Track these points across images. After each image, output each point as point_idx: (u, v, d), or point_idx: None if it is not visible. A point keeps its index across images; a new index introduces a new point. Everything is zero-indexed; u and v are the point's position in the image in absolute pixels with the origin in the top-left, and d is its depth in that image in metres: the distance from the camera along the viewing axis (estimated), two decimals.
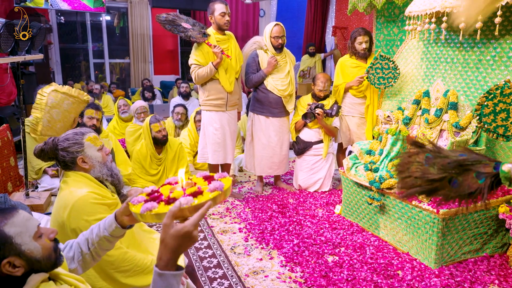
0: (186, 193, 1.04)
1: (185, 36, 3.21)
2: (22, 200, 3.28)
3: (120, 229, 1.33)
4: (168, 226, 0.94)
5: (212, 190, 1.02)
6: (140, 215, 1.03)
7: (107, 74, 9.25)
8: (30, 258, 1.08)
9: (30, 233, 1.09)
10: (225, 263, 2.53)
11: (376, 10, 3.92)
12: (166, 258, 0.95)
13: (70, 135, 1.84)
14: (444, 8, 2.47)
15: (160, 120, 3.39)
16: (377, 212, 2.83)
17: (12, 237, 1.06)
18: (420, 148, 1.13)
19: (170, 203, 1.00)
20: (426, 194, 1.08)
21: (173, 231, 0.94)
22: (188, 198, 0.98)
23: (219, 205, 3.51)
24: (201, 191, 1.02)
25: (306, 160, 3.81)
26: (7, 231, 1.05)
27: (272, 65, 3.49)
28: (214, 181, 1.07)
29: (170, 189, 1.11)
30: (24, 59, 3.27)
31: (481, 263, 2.46)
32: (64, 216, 1.73)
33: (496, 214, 2.49)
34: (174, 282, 0.95)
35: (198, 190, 1.03)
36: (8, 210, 1.10)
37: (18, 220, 1.09)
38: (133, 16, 8.82)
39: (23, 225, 1.09)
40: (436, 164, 1.05)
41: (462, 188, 1.01)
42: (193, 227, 0.94)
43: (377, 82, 3.39)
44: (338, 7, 7.93)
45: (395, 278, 2.31)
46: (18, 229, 1.07)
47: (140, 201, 1.09)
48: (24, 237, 1.08)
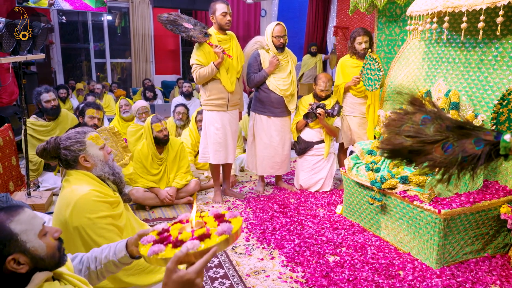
0: (195, 235, 1.02)
1: (187, 36, 3.21)
2: (23, 199, 3.28)
3: (128, 258, 1.36)
4: (171, 271, 0.94)
5: (220, 233, 1.00)
6: (147, 258, 1.04)
7: (108, 74, 9.26)
8: (35, 256, 1.09)
9: (35, 231, 1.11)
10: (226, 263, 2.53)
11: (377, 10, 3.92)
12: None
13: (72, 134, 1.85)
14: (446, 8, 2.47)
15: (161, 120, 3.39)
16: (378, 212, 2.82)
17: (17, 234, 1.07)
18: (418, 108, 1.04)
19: (177, 246, 0.99)
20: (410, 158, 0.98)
21: (175, 276, 0.93)
22: (194, 243, 0.96)
23: (220, 205, 3.51)
24: (209, 234, 1.01)
25: (308, 160, 3.81)
26: (13, 228, 1.07)
27: (274, 64, 3.49)
28: (224, 222, 1.05)
29: (180, 229, 1.10)
30: (26, 58, 3.28)
31: (482, 264, 2.46)
32: (67, 214, 1.73)
33: (497, 214, 2.49)
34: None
35: (206, 233, 1.01)
36: (14, 208, 1.11)
37: (23, 217, 1.10)
38: (134, 16, 8.83)
39: (28, 222, 1.10)
40: (434, 126, 0.97)
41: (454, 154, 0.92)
42: (196, 275, 0.93)
43: (367, 84, 3.45)
44: (340, 7, 7.93)
45: (396, 278, 2.31)
46: (24, 226, 1.09)
47: (150, 241, 1.08)
48: (29, 234, 1.09)
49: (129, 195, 3.36)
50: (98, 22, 9.07)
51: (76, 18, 9.10)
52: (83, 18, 9.04)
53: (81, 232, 1.74)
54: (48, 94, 3.83)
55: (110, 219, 1.80)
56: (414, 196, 2.53)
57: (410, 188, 2.60)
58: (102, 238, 1.75)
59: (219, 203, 3.54)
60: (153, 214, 3.34)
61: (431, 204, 2.42)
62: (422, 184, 2.56)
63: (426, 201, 2.45)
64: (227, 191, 3.73)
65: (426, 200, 2.45)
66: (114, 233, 1.81)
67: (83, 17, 9.01)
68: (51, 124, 3.92)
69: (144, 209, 3.43)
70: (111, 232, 1.80)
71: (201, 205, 3.52)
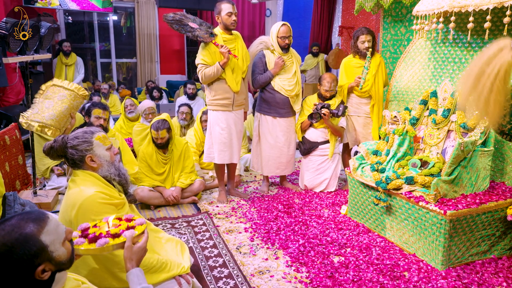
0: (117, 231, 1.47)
1: (192, 35, 3.22)
2: (30, 198, 3.31)
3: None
4: (131, 247, 1.44)
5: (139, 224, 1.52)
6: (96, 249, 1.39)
7: (114, 74, 9.31)
8: (58, 263, 1.13)
9: (60, 240, 1.14)
10: (230, 263, 2.53)
11: (383, 9, 3.91)
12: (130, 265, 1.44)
13: (79, 133, 1.86)
14: (452, 7, 2.45)
15: (159, 130, 3.38)
16: (383, 212, 2.81)
17: (48, 245, 1.10)
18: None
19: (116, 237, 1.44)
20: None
21: (135, 248, 1.45)
22: (131, 231, 1.46)
23: (225, 204, 3.51)
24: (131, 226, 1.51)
25: (312, 160, 3.80)
26: (44, 240, 1.09)
27: (280, 65, 3.48)
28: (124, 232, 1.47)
29: (97, 231, 1.47)
30: (32, 58, 3.30)
31: (488, 265, 2.44)
32: (72, 215, 1.74)
33: (504, 216, 2.47)
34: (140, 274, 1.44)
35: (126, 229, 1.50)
36: (41, 217, 1.13)
37: (51, 227, 1.13)
38: (140, 16, 8.86)
39: (55, 232, 1.13)
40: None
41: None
42: (145, 244, 1.48)
43: (361, 82, 3.57)
44: (345, 7, 7.91)
45: (401, 279, 2.30)
46: (52, 237, 1.12)
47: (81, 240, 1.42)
48: (56, 244, 1.12)
49: (134, 195, 3.40)
50: (104, 22, 9.12)
51: (82, 18, 9.15)
52: (89, 18, 9.09)
53: None
54: None
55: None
56: (420, 197, 2.52)
57: (415, 189, 2.59)
58: None
59: (224, 202, 3.55)
60: (158, 214, 3.35)
61: (437, 205, 2.40)
62: (428, 185, 2.55)
63: (432, 202, 2.44)
64: (231, 191, 3.73)
65: (432, 201, 2.44)
66: None
67: (89, 17, 9.06)
68: None
69: (149, 209, 3.45)
70: None
71: (205, 205, 3.52)
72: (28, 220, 1.09)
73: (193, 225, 3.09)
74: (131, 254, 1.41)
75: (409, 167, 2.79)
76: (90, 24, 9.14)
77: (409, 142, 2.93)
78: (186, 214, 3.33)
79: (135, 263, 1.43)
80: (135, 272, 1.42)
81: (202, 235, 2.92)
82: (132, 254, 1.41)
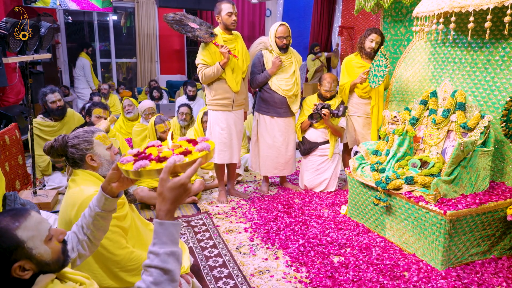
0: (175, 153, 1.09)
1: (193, 36, 3.22)
2: (30, 198, 3.31)
3: (111, 200, 1.32)
4: (165, 180, 1.01)
5: (200, 150, 1.09)
6: (133, 172, 1.06)
7: (113, 74, 9.31)
8: (40, 262, 1.08)
9: (41, 237, 1.10)
10: (230, 263, 2.53)
11: (383, 9, 3.91)
12: (165, 208, 1.01)
13: (80, 132, 1.86)
14: (452, 8, 2.45)
15: (165, 121, 3.39)
16: (383, 213, 2.81)
17: (24, 241, 1.06)
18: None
19: (162, 161, 1.06)
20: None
21: (170, 184, 1.01)
22: (180, 156, 1.05)
23: (225, 205, 3.51)
24: (189, 151, 1.09)
25: (312, 161, 3.80)
26: (20, 235, 1.05)
27: (277, 65, 3.48)
28: (200, 143, 1.13)
29: (158, 150, 1.15)
30: (32, 58, 3.30)
31: (488, 265, 2.44)
32: (72, 215, 1.74)
33: (504, 216, 2.47)
34: (174, 231, 1.02)
35: (187, 150, 1.09)
36: (20, 213, 1.10)
37: (30, 223, 1.09)
38: (140, 16, 8.86)
39: (35, 228, 1.09)
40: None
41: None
42: (188, 179, 1.02)
43: (371, 80, 3.41)
44: (345, 7, 7.91)
45: (401, 279, 2.30)
46: (31, 233, 1.07)
47: (130, 161, 1.11)
48: (35, 241, 1.08)
49: (134, 195, 3.40)
50: (104, 22, 9.12)
51: (82, 18, 9.14)
52: (89, 18, 9.09)
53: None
54: (54, 95, 3.84)
55: (115, 221, 1.80)
56: (420, 197, 2.52)
57: (415, 189, 2.59)
58: (107, 240, 1.75)
59: (224, 202, 3.55)
60: None
61: (437, 205, 2.40)
62: (428, 185, 2.55)
63: (432, 202, 2.44)
64: (231, 191, 3.73)
65: (432, 201, 2.44)
66: (118, 235, 1.81)
67: (89, 17, 9.06)
68: (57, 124, 3.94)
69: (149, 209, 3.45)
70: (116, 234, 1.80)
71: (205, 205, 3.52)
72: (6, 216, 1.07)
73: (193, 225, 3.09)
74: (162, 189, 1.00)
75: (409, 167, 2.79)
76: (90, 24, 9.14)
77: (409, 142, 2.93)
78: (186, 214, 3.33)
79: (169, 204, 1.00)
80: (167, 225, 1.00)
81: (202, 235, 2.92)
82: (164, 190, 1.00)
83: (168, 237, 1.00)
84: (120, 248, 1.80)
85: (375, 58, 3.35)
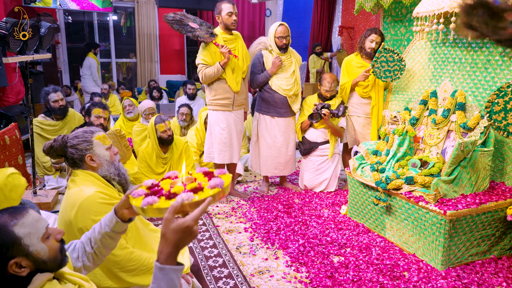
0: (187, 188, 1.03)
1: (193, 35, 3.22)
2: (30, 198, 3.31)
3: (121, 224, 1.33)
4: (169, 221, 0.95)
5: (213, 186, 1.02)
6: (141, 208, 1.03)
7: (113, 74, 9.31)
8: (37, 259, 1.09)
9: (38, 235, 1.10)
10: (230, 263, 2.53)
11: (383, 9, 3.91)
12: (167, 251, 0.95)
13: (79, 133, 1.86)
14: (452, 8, 2.46)
15: (165, 120, 3.40)
16: (383, 212, 2.81)
17: (21, 238, 1.06)
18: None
19: (171, 198, 1.01)
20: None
21: (174, 225, 0.94)
22: (189, 194, 0.98)
23: (225, 204, 3.51)
24: (201, 187, 1.02)
25: (312, 161, 3.80)
26: (17, 231, 1.06)
27: (277, 65, 3.48)
28: (214, 177, 1.07)
29: (170, 183, 1.11)
30: (32, 58, 3.30)
31: (488, 265, 2.44)
32: (71, 215, 1.74)
33: (504, 216, 2.47)
34: (175, 277, 0.96)
35: (199, 186, 1.02)
36: (18, 210, 1.11)
37: (28, 221, 1.10)
38: (140, 16, 8.87)
39: (32, 226, 1.10)
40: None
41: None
42: (194, 222, 0.95)
43: (383, 76, 3.34)
44: (345, 7, 7.92)
45: (401, 279, 2.30)
46: (27, 230, 1.08)
47: (141, 195, 1.09)
48: (32, 238, 1.09)
49: None
50: (104, 22, 9.12)
51: (82, 18, 9.15)
52: (89, 18, 9.09)
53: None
54: (56, 94, 3.86)
55: None
56: (420, 197, 2.52)
57: (415, 189, 2.59)
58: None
59: (224, 202, 3.55)
60: None
61: (437, 205, 2.40)
62: (428, 185, 2.55)
63: (432, 202, 2.44)
64: (231, 191, 3.73)
65: (432, 201, 2.44)
66: None
67: (89, 17, 9.06)
68: (59, 124, 3.95)
69: None
70: None
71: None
72: (4, 213, 1.09)
73: None
74: (166, 230, 0.94)
75: (409, 167, 2.79)
76: (90, 24, 9.14)
77: (409, 142, 2.93)
78: None
79: (172, 247, 0.94)
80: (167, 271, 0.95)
81: (202, 235, 2.92)
82: (167, 232, 0.94)
83: (167, 283, 0.95)
84: (120, 248, 1.80)
85: (377, 56, 3.29)
